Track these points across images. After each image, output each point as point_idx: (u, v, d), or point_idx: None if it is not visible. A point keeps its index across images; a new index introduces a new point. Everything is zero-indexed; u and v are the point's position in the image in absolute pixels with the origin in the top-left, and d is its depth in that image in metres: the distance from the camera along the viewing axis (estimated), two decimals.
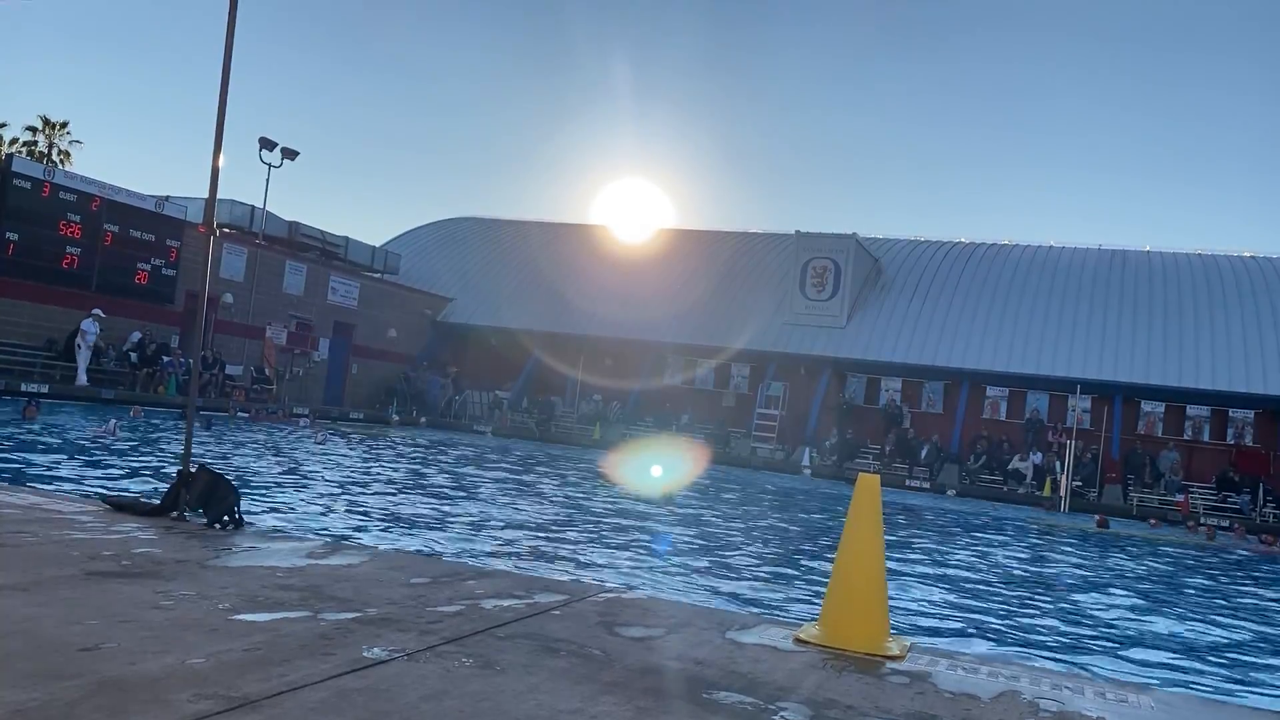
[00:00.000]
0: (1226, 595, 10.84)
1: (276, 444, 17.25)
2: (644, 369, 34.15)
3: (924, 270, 35.02)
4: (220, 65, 5.33)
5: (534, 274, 38.42)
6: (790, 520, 14.32)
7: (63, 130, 48.16)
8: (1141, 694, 3.61)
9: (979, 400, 31.19)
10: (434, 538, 8.52)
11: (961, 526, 16.48)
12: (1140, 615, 8.43)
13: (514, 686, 2.80)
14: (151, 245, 25.58)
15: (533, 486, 14.87)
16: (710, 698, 2.91)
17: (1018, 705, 3.19)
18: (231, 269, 28.40)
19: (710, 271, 36.50)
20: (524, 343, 35.41)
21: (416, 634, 3.28)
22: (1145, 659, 6.48)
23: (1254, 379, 28.07)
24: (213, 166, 5.47)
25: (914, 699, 3.14)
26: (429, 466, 16.68)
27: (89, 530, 4.65)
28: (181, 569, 3.99)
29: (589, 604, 4.14)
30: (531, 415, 33.92)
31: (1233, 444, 28.72)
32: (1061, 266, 34.12)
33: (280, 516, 8.69)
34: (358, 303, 33.81)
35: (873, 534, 3.83)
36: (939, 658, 3.81)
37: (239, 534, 5.04)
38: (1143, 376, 29.13)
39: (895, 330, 32.45)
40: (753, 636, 3.81)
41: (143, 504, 5.47)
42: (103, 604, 3.27)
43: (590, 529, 10.30)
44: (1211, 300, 30.88)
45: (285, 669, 2.74)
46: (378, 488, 12.13)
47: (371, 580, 4.17)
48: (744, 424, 32.03)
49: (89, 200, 23.89)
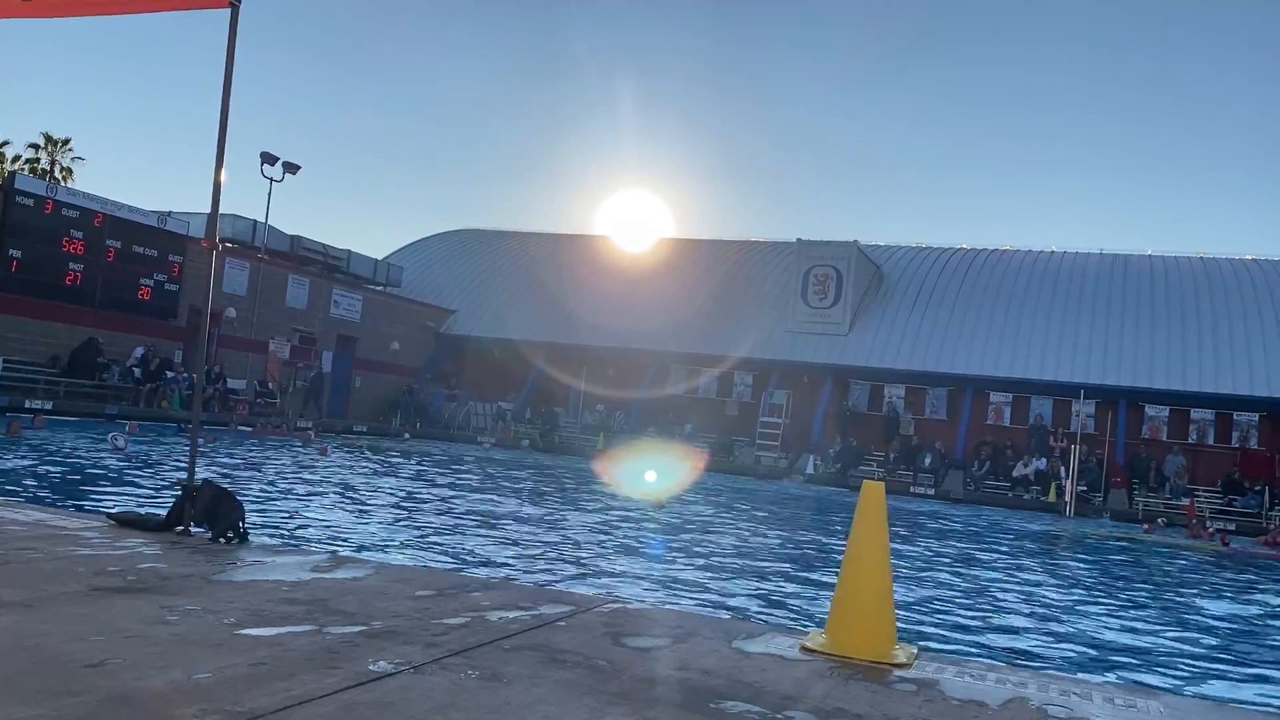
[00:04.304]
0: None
1: (280, 458, 17.25)
2: (647, 379, 34.15)
3: (925, 277, 35.03)
4: (221, 80, 5.35)
5: (536, 285, 38.45)
6: (794, 528, 14.29)
7: (65, 147, 48.36)
8: (1151, 699, 3.59)
9: (982, 406, 31.16)
10: (439, 550, 8.51)
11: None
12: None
13: (521, 698, 2.80)
14: (154, 261, 25.64)
15: (536, 496, 14.86)
16: (717, 707, 2.90)
17: (1026, 711, 3.18)
18: (234, 284, 28.45)
19: (712, 280, 36.52)
20: (526, 354, 35.42)
21: (422, 647, 3.27)
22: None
23: (1258, 382, 28.03)
24: (215, 181, 5.48)
25: (922, 706, 3.12)
26: (431, 478, 16.66)
27: (94, 546, 4.64)
28: (187, 584, 3.98)
29: (594, 615, 4.13)
30: (535, 426, 33.92)
31: (1238, 447, 28.66)
32: (1064, 272, 34.12)
33: (285, 531, 8.69)
34: (360, 316, 33.85)
35: (878, 541, 3.82)
36: (946, 665, 3.79)
37: (244, 548, 5.04)
38: (1146, 381, 29.08)
39: (898, 337, 32.44)
40: (759, 645, 3.80)
41: (147, 519, 5.47)
42: (108, 620, 3.27)
43: (594, 538, 10.29)
44: (1214, 303, 30.87)
45: (291, 683, 2.73)
46: (382, 501, 12.12)
47: (376, 593, 4.16)
48: (748, 432, 32.01)
49: (91, 217, 23.95)
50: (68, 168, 48.36)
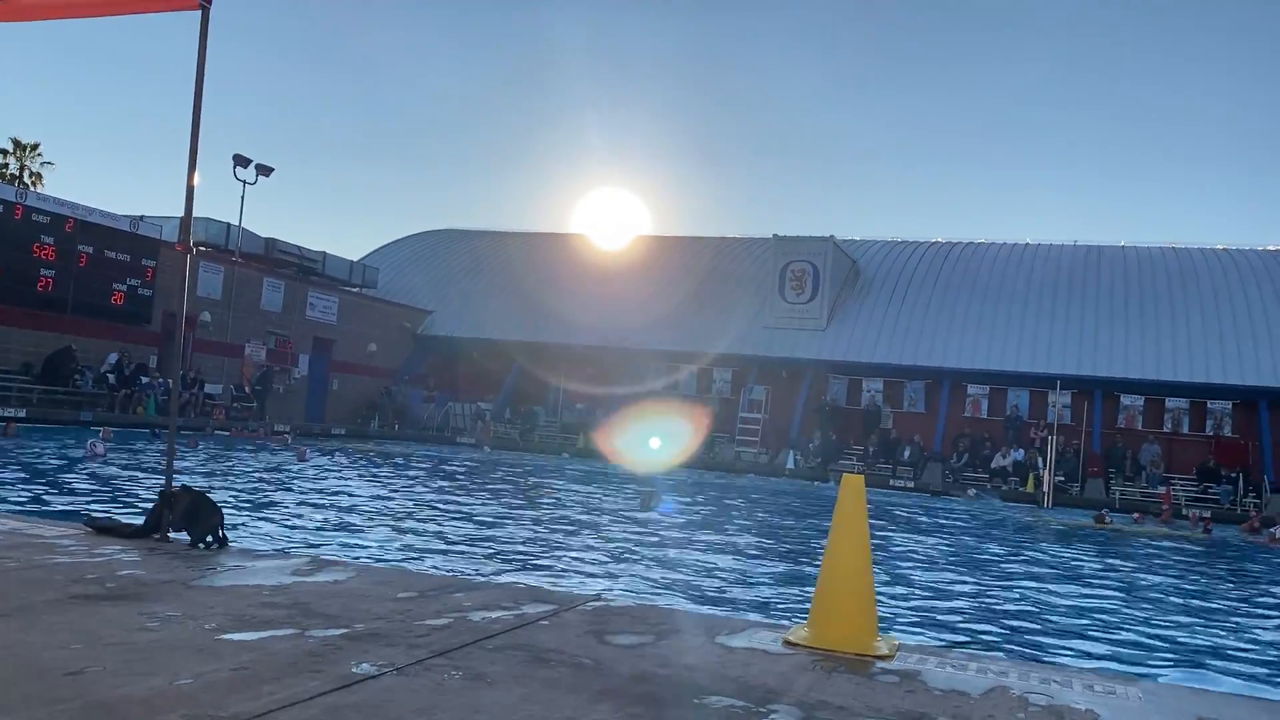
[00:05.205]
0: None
1: (257, 462, 17.14)
2: (626, 376, 34.13)
3: (902, 271, 35.20)
4: (193, 83, 5.31)
5: (513, 285, 38.36)
6: (776, 522, 14.33)
7: (34, 152, 47.72)
8: (1130, 685, 3.63)
9: (960, 399, 31.35)
10: (420, 551, 8.48)
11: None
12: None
13: (505, 698, 2.80)
14: (127, 266, 25.40)
15: (517, 495, 14.83)
16: (701, 703, 2.91)
17: (1008, 700, 3.21)
18: (208, 287, 28.23)
19: (690, 277, 36.56)
20: (505, 353, 35.35)
21: (405, 648, 3.27)
22: None
23: (1230, 370, 28.35)
24: (188, 185, 5.44)
25: (904, 697, 3.15)
26: (411, 480, 16.61)
27: (72, 554, 4.60)
28: (167, 590, 3.96)
29: (577, 613, 4.13)
30: (514, 426, 33.86)
31: (1212, 435, 28.99)
32: (1038, 263, 34.37)
33: (265, 535, 8.64)
34: (337, 318, 33.67)
35: (858, 534, 3.84)
36: (928, 655, 3.82)
37: (223, 553, 5.01)
38: (1121, 371, 29.36)
39: (875, 331, 32.59)
40: (742, 640, 3.81)
41: (125, 526, 5.42)
42: (88, 627, 3.24)
43: (577, 537, 10.29)
44: (1186, 293, 31.18)
45: (274, 687, 2.72)
46: (362, 503, 12.07)
47: (358, 596, 4.15)
48: (727, 429, 32.08)
49: (63, 222, 23.70)
50: (37, 173, 47.74)
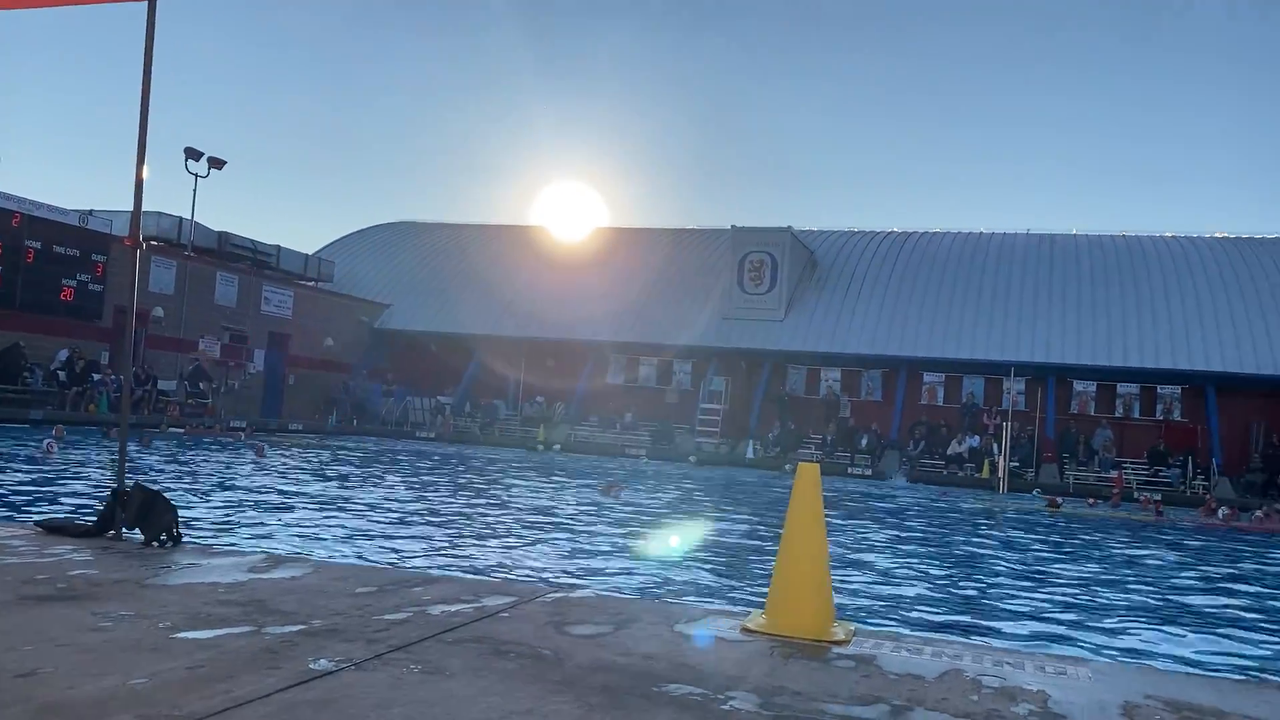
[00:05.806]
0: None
1: (213, 459, 16.95)
2: (586, 369, 34.14)
3: (858, 261, 35.50)
4: (141, 74, 5.23)
5: (472, 277, 38.19)
6: (735, 512, 14.41)
7: None
8: (1079, 666, 3.71)
9: (917, 387, 31.72)
10: (379, 546, 8.44)
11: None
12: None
13: (464, 691, 2.80)
14: (76, 261, 24.97)
15: (479, 489, 14.79)
16: (661, 690, 2.93)
17: (961, 683, 3.26)
18: (161, 282, 27.82)
19: (649, 269, 36.60)
20: (465, 346, 35.21)
21: (363, 643, 3.26)
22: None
23: (1179, 356, 28.92)
24: (137, 178, 5.35)
25: (860, 682, 3.19)
26: (370, 474, 16.50)
27: (21, 554, 4.53)
28: (119, 589, 3.91)
29: (537, 604, 4.14)
30: (475, 420, 33.74)
31: (1162, 420, 29.59)
32: (992, 252, 34.82)
33: (221, 532, 8.54)
34: (292, 312, 33.32)
35: (814, 522, 3.88)
36: (884, 640, 3.87)
37: (178, 551, 4.95)
38: (1074, 357, 29.85)
39: (833, 321, 32.84)
40: (701, 628, 3.84)
41: (77, 525, 5.34)
42: (38, 628, 3.20)
43: (539, 528, 10.28)
44: (1136, 280, 31.75)
45: (230, 685, 2.70)
46: (319, 499, 11.98)
47: (316, 592, 4.12)
48: (688, 420, 32.20)
49: (9, 216, 23.23)
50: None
